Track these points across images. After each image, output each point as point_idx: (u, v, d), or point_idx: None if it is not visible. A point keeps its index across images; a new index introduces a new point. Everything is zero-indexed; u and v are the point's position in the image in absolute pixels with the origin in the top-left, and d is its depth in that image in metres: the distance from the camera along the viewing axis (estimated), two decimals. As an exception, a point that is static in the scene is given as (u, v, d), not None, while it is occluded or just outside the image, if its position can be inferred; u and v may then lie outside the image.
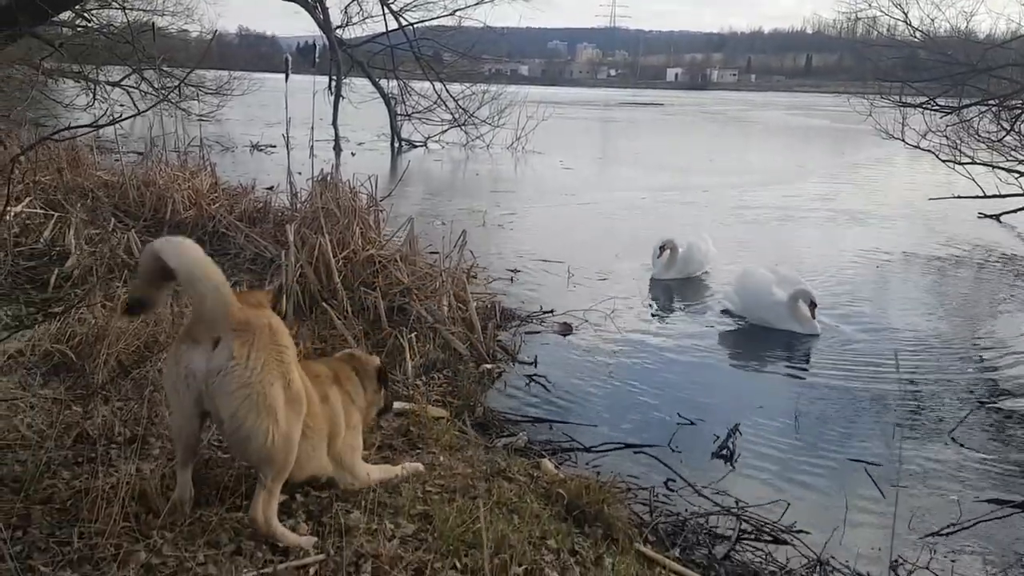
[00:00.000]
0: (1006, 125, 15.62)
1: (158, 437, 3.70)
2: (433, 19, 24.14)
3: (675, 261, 9.89)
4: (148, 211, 8.96)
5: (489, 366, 6.52)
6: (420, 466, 3.83)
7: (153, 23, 18.67)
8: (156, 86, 18.68)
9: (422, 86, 24.68)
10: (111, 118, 4.28)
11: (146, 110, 5.58)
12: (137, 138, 14.94)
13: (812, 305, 7.79)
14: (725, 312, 8.54)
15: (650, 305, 8.82)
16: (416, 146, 24.65)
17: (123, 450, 3.52)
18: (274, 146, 20.12)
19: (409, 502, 3.51)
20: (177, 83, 15.70)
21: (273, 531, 2.97)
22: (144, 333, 4.91)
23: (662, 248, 9.93)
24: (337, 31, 23.60)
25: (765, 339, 7.89)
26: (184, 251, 2.73)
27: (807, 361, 7.33)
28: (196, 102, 21.68)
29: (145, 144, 12.61)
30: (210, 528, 2.97)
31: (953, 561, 4.15)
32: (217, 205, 9.17)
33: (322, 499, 3.40)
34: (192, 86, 21.24)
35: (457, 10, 24.05)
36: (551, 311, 8.12)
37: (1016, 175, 14.78)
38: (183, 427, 2.96)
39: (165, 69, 17.86)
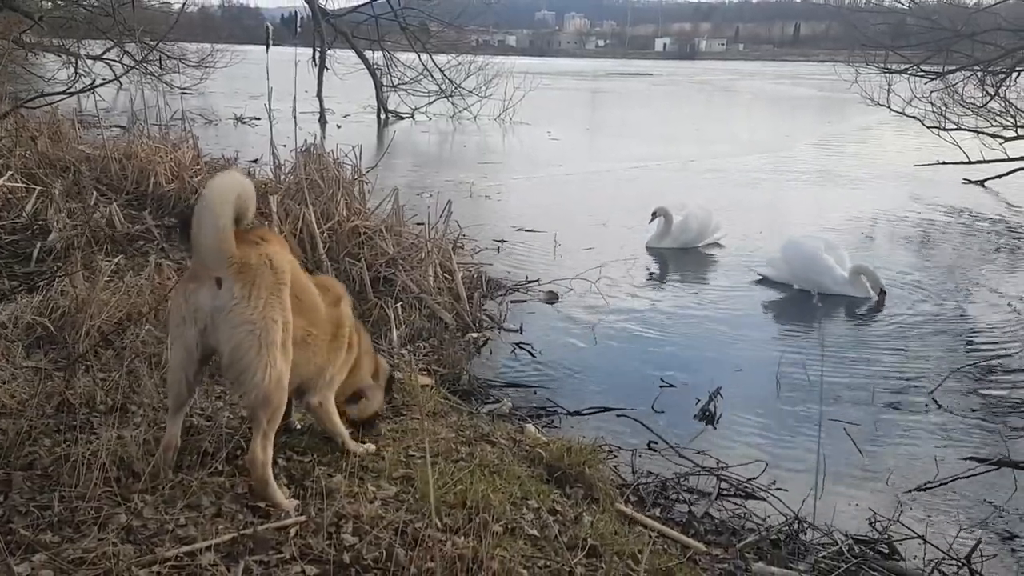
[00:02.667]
0: (990, 90, 15.65)
1: (139, 406, 3.71)
2: (419, -12, 23.91)
3: (669, 230, 9.91)
4: (130, 184, 8.87)
5: (475, 335, 6.55)
6: (372, 448, 3.72)
7: (134, -5, 18.41)
8: (138, 59, 18.47)
9: (408, 57, 24.45)
10: (88, 86, 4.24)
11: (122, 75, 5.53)
12: (119, 112, 14.81)
13: (882, 292, 8.10)
14: (762, 280, 8.61)
15: (636, 274, 8.85)
16: (403, 118, 24.48)
17: (104, 418, 3.53)
18: (258, 118, 19.92)
19: (391, 466, 3.54)
20: (151, 49, 15.44)
21: (267, 478, 3.01)
22: (126, 304, 4.90)
23: (654, 214, 9.97)
24: (320, 1, 23.31)
25: (747, 305, 7.94)
26: (214, 189, 2.79)
27: (789, 325, 7.41)
28: (178, 75, 21.46)
29: (127, 118, 12.48)
30: (191, 491, 2.99)
31: (929, 516, 4.23)
32: (200, 178, 9.07)
33: (304, 463, 3.43)
34: (174, 59, 21.02)
35: (443, -22, 23.82)
36: (537, 280, 8.15)
37: (1000, 140, 14.82)
38: (183, 366, 2.97)
39: (146, 42, 17.65)
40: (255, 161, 11.28)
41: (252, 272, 2.88)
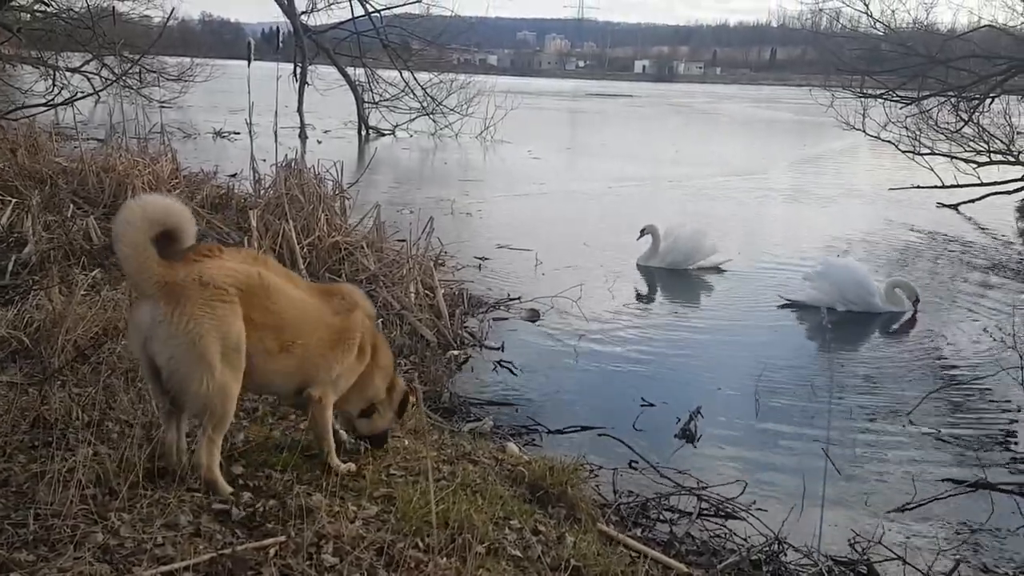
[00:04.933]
0: (964, 116, 15.94)
1: (116, 422, 3.66)
2: (400, 6, 24.00)
3: (657, 248, 9.96)
4: (108, 197, 8.78)
5: (456, 352, 6.53)
6: (353, 468, 3.66)
7: (113, 8, 18.28)
8: (117, 72, 18.34)
9: (390, 74, 24.50)
10: (67, 99, 4.20)
11: (101, 89, 5.48)
12: (97, 125, 14.65)
13: (916, 300, 8.41)
14: (790, 304, 8.60)
15: (617, 293, 8.86)
16: (384, 134, 24.48)
17: (80, 434, 3.47)
18: (237, 133, 19.83)
19: (372, 484, 3.51)
20: (133, 63, 15.36)
21: (213, 479, 3.17)
22: (102, 319, 4.85)
23: (642, 232, 10.04)
24: (302, 17, 23.33)
25: (726, 325, 7.99)
26: (121, 212, 2.97)
27: (767, 345, 7.44)
28: (158, 88, 21.32)
29: (105, 131, 12.37)
30: (168, 509, 2.95)
31: (908, 537, 4.25)
32: (178, 191, 9.02)
33: (284, 481, 3.39)
34: (153, 72, 20.89)
35: (424, -3, 23.92)
36: (519, 298, 8.15)
37: (974, 165, 15.08)
38: (148, 380, 3.17)
39: (126, 55, 17.53)
40: (234, 175, 11.21)
41: (177, 290, 2.97)
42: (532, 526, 3.47)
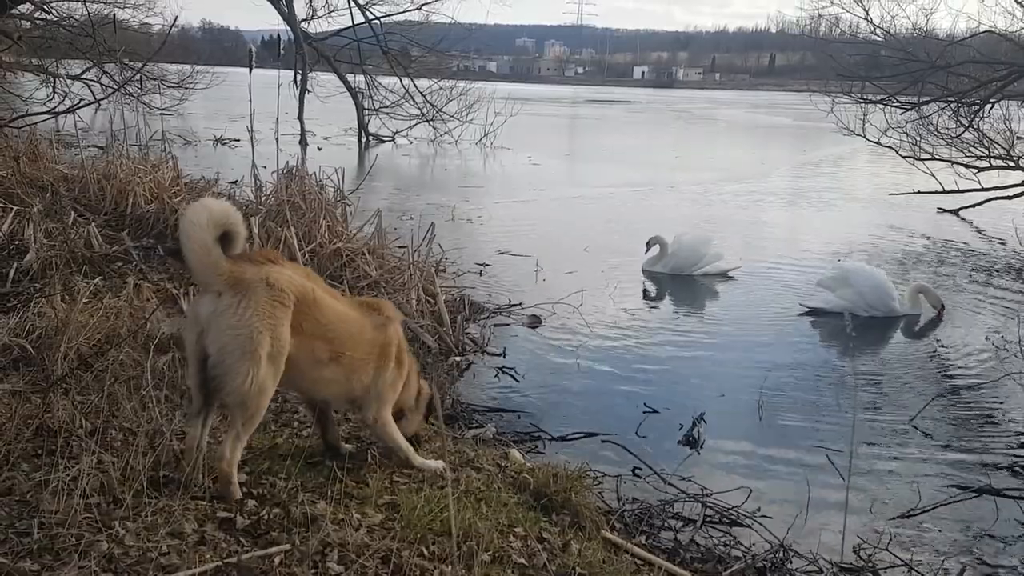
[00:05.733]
0: (964, 121, 15.94)
1: (119, 429, 3.64)
2: (400, 13, 24.09)
3: (664, 255, 9.99)
4: (109, 205, 8.78)
5: (458, 358, 6.52)
6: (441, 465, 3.84)
7: (114, 16, 18.34)
8: (117, 80, 18.37)
9: (389, 81, 24.54)
10: (69, 107, 4.21)
11: (103, 98, 5.51)
12: (98, 132, 14.67)
13: (942, 307, 8.54)
14: (812, 311, 8.57)
15: (619, 298, 8.86)
16: (384, 141, 24.51)
17: (84, 442, 3.46)
18: (238, 140, 19.86)
19: (376, 492, 3.50)
20: (135, 72, 15.40)
21: (230, 477, 3.20)
22: (104, 326, 4.83)
23: (649, 244, 10.07)
24: (302, 24, 23.37)
25: (728, 330, 7.97)
26: (188, 214, 3.09)
27: (770, 351, 7.42)
28: (158, 95, 21.35)
29: (106, 138, 12.37)
30: (173, 518, 2.93)
31: (913, 545, 4.24)
32: (179, 199, 9.01)
33: (288, 488, 3.38)
34: (154, 79, 20.93)
35: (424, 4, 23.98)
36: (520, 304, 8.14)
37: (974, 170, 15.08)
38: (192, 372, 3.23)
39: (126, 63, 17.56)
40: (235, 182, 11.21)
41: (245, 285, 3.12)
42: (537, 533, 3.46)
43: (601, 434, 5.32)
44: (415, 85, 24.16)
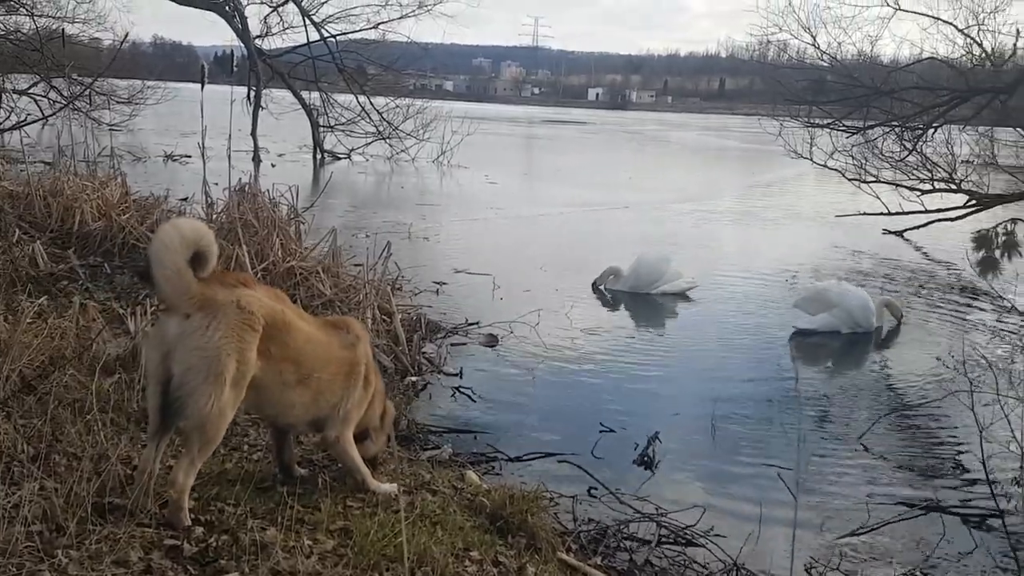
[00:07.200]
0: (908, 145, 16.41)
1: (63, 454, 3.53)
2: (356, 31, 24.03)
3: (618, 280, 10.08)
4: (55, 222, 8.56)
5: (414, 378, 6.47)
6: (395, 488, 3.81)
7: (63, 30, 18.02)
8: (66, 95, 17.99)
9: (345, 98, 24.43)
10: (16, 123, 4.10)
11: (52, 114, 5.37)
12: (45, 148, 14.31)
13: (900, 318, 9.13)
14: (800, 332, 8.70)
15: (575, 317, 8.89)
16: (339, 158, 24.35)
17: (26, 468, 3.34)
18: (189, 156, 19.58)
19: (328, 517, 3.44)
20: (85, 88, 15.12)
21: (181, 504, 3.13)
22: (49, 347, 4.70)
23: (602, 276, 10.15)
24: (256, 41, 23.19)
25: (683, 349, 8.07)
26: (159, 235, 3.06)
27: (725, 369, 7.52)
28: (108, 111, 20.93)
29: (53, 154, 12.08)
30: (119, 546, 2.85)
31: (863, 562, 4.31)
32: (128, 216, 8.83)
33: (237, 515, 3.30)
34: (103, 94, 20.52)
35: (380, 23, 23.98)
36: (477, 323, 8.12)
37: (918, 193, 15.52)
38: (153, 392, 3.15)
39: (75, 77, 17.22)
40: (185, 199, 11.03)
41: (215, 307, 3.09)
42: (493, 557, 3.44)
43: (557, 454, 5.32)
44: (371, 103, 24.08)
